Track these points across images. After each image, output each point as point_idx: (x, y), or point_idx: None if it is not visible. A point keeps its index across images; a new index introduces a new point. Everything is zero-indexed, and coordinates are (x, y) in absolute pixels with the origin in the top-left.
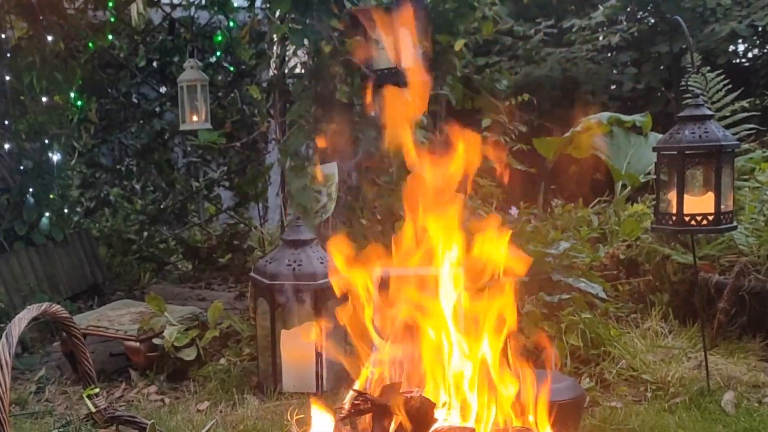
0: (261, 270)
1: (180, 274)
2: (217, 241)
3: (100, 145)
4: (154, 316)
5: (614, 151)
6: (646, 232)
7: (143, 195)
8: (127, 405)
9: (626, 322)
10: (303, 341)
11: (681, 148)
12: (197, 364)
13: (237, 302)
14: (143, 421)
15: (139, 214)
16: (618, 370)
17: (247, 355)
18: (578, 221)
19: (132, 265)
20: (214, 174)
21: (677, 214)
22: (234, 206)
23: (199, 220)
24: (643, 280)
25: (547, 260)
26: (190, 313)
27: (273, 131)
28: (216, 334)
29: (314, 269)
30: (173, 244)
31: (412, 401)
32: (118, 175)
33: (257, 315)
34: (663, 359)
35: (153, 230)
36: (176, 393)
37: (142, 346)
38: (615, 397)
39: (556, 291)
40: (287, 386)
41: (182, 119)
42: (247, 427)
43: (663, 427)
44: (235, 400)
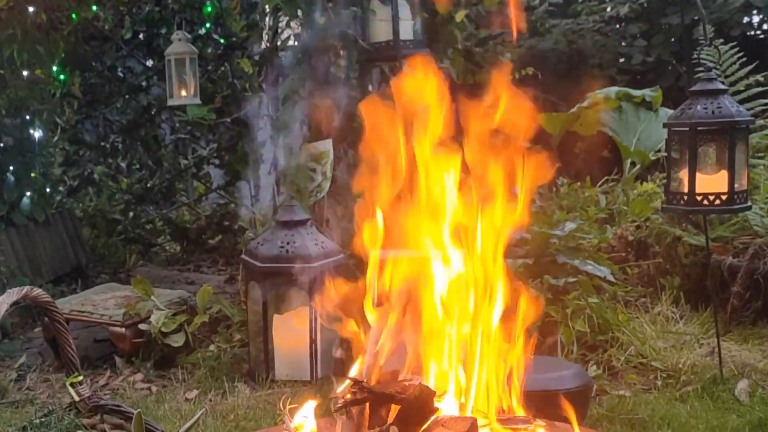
0: (253, 252)
1: (167, 256)
2: (207, 221)
3: (83, 121)
4: (140, 301)
5: (623, 128)
6: (656, 213)
7: (129, 173)
8: (112, 393)
9: (635, 306)
10: (296, 327)
11: (693, 124)
12: (185, 350)
13: (227, 286)
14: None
15: (124, 194)
16: (626, 357)
17: (238, 341)
18: (585, 201)
19: (117, 247)
20: (203, 151)
21: (689, 193)
22: (224, 185)
23: (187, 200)
24: (653, 262)
25: (553, 242)
26: (178, 298)
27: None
28: (205, 319)
29: (308, 251)
30: (160, 225)
31: (411, 390)
32: (102, 152)
33: (248, 299)
34: (674, 346)
35: (139, 210)
36: (163, 381)
37: (127, 331)
38: (623, 386)
39: (561, 274)
40: (280, 374)
41: (170, 94)
42: (237, 416)
43: (674, 417)
44: (226, 389)
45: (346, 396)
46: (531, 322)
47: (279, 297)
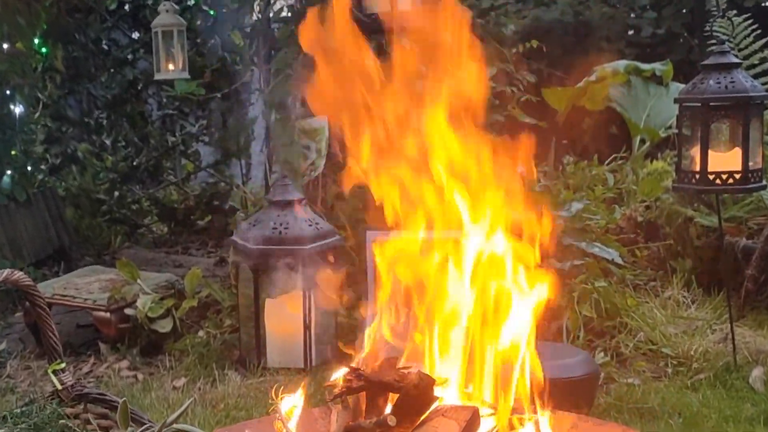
0: (244, 233)
1: (154, 237)
2: (196, 201)
3: (66, 96)
4: (125, 284)
5: (632, 103)
6: (666, 192)
7: (114, 151)
8: (96, 381)
9: (645, 290)
10: (289, 312)
11: (705, 99)
12: (173, 336)
13: (217, 269)
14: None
15: (109, 172)
16: (635, 344)
17: (228, 326)
18: (592, 180)
19: (102, 228)
20: (192, 128)
21: (701, 172)
22: (214, 163)
23: (175, 179)
24: (663, 244)
25: (558, 223)
26: (165, 281)
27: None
28: (194, 303)
29: (302, 232)
30: (147, 205)
31: (410, 378)
32: (86, 128)
33: (239, 283)
34: (685, 331)
35: (125, 189)
36: (150, 368)
37: (112, 316)
38: (632, 373)
39: (567, 257)
40: (272, 361)
41: (157, 68)
42: (228, 405)
43: (685, 406)
44: (215, 377)
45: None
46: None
47: (271, 280)
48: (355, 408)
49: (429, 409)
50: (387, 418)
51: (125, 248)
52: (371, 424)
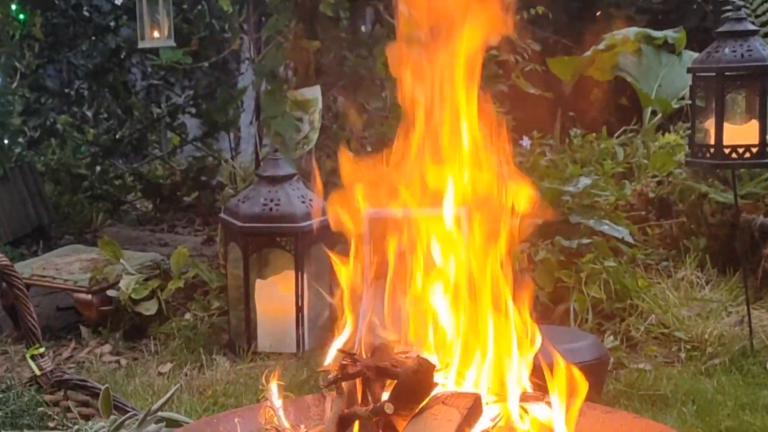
0: (233, 210)
1: (138, 215)
2: (182, 176)
3: (45, 65)
4: (108, 264)
5: (642, 73)
6: (679, 167)
7: (96, 123)
8: (77, 367)
9: (656, 271)
10: (281, 293)
11: (720, 68)
12: (158, 319)
13: (205, 248)
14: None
15: (90, 146)
16: (647, 327)
17: (217, 309)
18: (601, 154)
19: (83, 205)
20: (178, 99)
21: (716, 145)
22: (201, 136)
23: (160, 153)
24: (676, 222)
25: (565, 199)
26: (150, 261)
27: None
28: (180, 284)
29: (294, 209)
30: (130, 181)
31: (409, 363)
32: (66, 100)
33: (228, 262)
34: (699, 314)
35: (107, 164)
36: (134, 353)
37: (94, 298)
38: (643, 358)
39: (575, 235)
40: (263, 345)
41: (141, 35)
42: (216, 392)
43: (699, 393)
44: (203, 362)
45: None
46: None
47: (262, 260)
48: (350, 395)
49: (428, 396)
50: (384, 406)
51: (107, 226)
52: (367, 411)
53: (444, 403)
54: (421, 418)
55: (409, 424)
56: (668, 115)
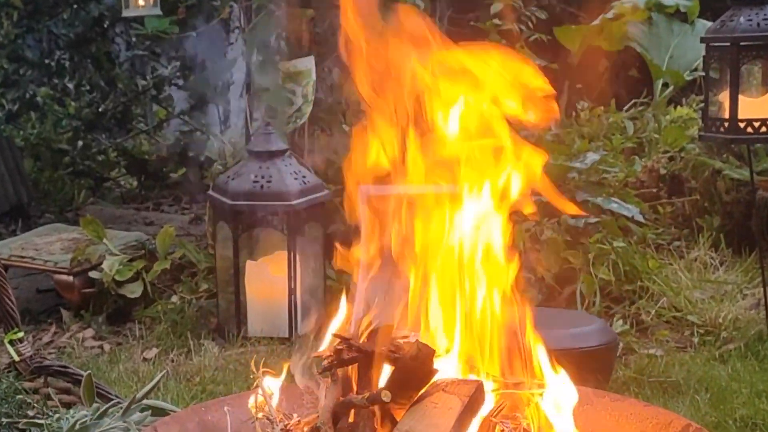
0: (222, 187)
1: (122, 192)
2: (168, 152)
3: (24, 34)
4: (90, 244)
5: (653, 43)
6: (692, 142)
7: (77, 96)
8: (57, 352)
9: (668, 251)
10: (272, 275)
11: (735, 38)
12: (143, 302)
13: (192, 227)
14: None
15: (72, 119)
16: (658, 311)
17: (205, 291)
18: (609, 128)
19: (64, 182)
20: (164, 70)
21: (730, 119)
22: (189, 110)
23: (145, 127)
24: (688, 200)
25: (571, 176)
26: (134, 241)
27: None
28: (166, 266)
29: (286, 186)
30: (114, 156)
31: (407, 348)
32: (46, 71)
33: (217, 243)
34: (713, 297)
35: (89, 139)
36: (118, 338)
37: (75, 280)
38: (654, 343)
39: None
40: (253, 329)
41: (125, 3)
42: (204, 379)
43: (713, 380)
44: (190, 347)
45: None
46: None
47: (252, 240)
48: (346, 382)
49: (428, 383)
50: (381, 393)
51: (90, 204)
52: (363, 399)
53: (444, 391)
54: (420, 406)
55: (407, 413)
56: (680, 87)
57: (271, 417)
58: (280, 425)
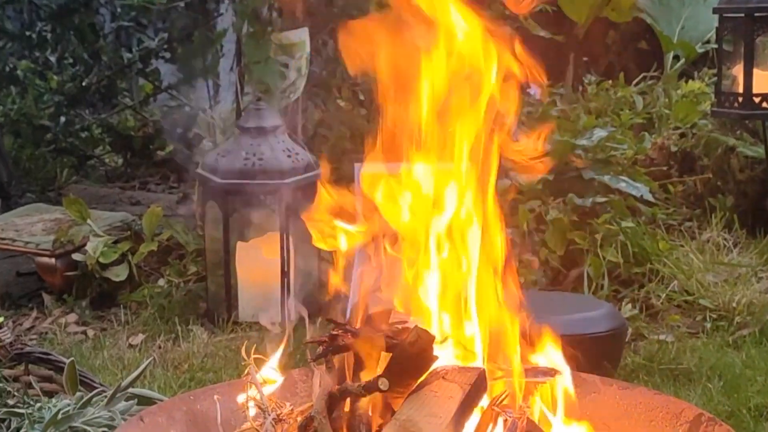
0: (211, 165)
1: (107, 170)
2: (155, 128)
3: (4, 5)
4: (73, 225)
5: (664, 13)
6: (704, 117)
7: (60, 69)
8: (39, 338)
9: (679, 232)
10: (264, 257)
11: (749, 9)
12: (129, 286)
13: (180, 207)
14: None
15: (54, 94)
16: (668, 294)
17: (193, 274)
18: (617, 103)
19: (45, 159)
20: (150, 42)
21: (744, 93)
22: (176, 84)
23: (131, 102)
24: (700, 178)
25: (578, 153)
26: (119, 221)
27: None
28: (153, 247)
29: (279, 164)
30: (98, 133)
31: (406, 334)
32: (27, 43)
33: (206, 223)
34: (726, 280)
35: (72, 114)
36: (102, 323)
37: (58, 263)
38: (664, 329)
39: (589, 192)
40: (244, 314)
41: None
42: (192, 366)
43: (726, 367)
44: (178, 333)
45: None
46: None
47: (243, 220)
48: (341, 369)
49: (427, 371)
50: (378, 381)
51: (73, 183)
52: (360, 388)
53: (444, 378)
54: (419, 395)
55: (405, 402)
56: (692, 60)
57: (263, 406)
58: (272, 414)
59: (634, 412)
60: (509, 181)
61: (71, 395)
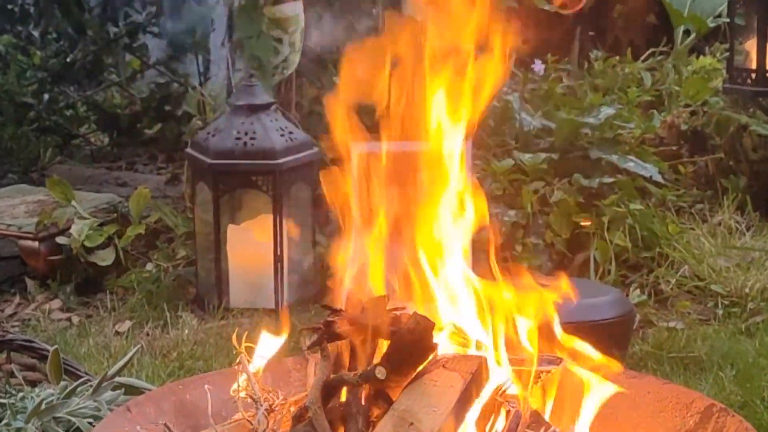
0: (201, 145)
1: (92, 150)
2: (143, 106)
3: None
4: (57, 207)
5: None
6: (716, 94)
7: (44, 44)
8: (21, 325)
9: (689, 214)
10: (257, 240)
11: None
12: (115, 270)
13: (169, 188)
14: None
15: (37, 70)
16: (678, 280)
17: (183, 258)
18: (625, 80)
19: (28, 139)
20: (138, 16)
21: (758, 69)
22: (165, 59)
23: (118, 78)
24: (712, 158)
25: (584, 132)
26: (106, 203)
27: None
28: (140, 230)
29: (272, 143)
30: (84, 111)
31: (404, 321)
32: (9, 17)
33: (196, 205)
34: (739, 264)
35: (56, 92)
36: (88, 309)
37: (41, 246)
38: (674, 315)
39: (595, 173)
40: (236, 300)
41: None
42: (182, 354)
43: (739, 355)
44: (167, 319)
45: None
46: None
47: (235, 202)
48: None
49: (426, 360)
50: (375, 370)
51: (57, 163)
52: (356, 377)
53: (445, 367)
54: (418, 385)
55: (404, 392)
56: (703, 34)
57: (255, 396)
58: (264, 405)
59: (643, 402)
60: (512, 161)
61: (55, 384)
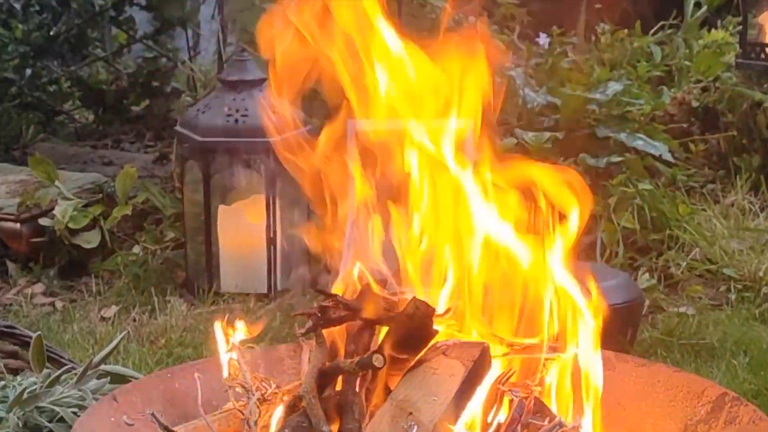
0: (191, 122)
1: (77, 127)
2: (130, 81)
3: None
4: (40, 187)
5: None
6: (728, 70)
7: (25, 17)
8: (3, 310)
9: (701, 195)
10: (249, 222)
11: None
12: (101, 253)
13: (157, 167)
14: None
15: (19, 44)
16: (689, 263)
17: (171, 240)
18: (633, 54)
19: (10, 115)
20: None
21: None
22: (153, 33)
23: (103, 53)
24: (724, 136)
25: (591, 108)
26: (91, 183)
27: None
28: (127, 211)
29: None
30: (67, 86)
31: (403, 306)
32: None
33: (185, 185)
34: (752, 247)
35: (39, 67)
36: (72, 294)
37: (23, 228)
38: (685, 300)
39: (602, 151)
40: (227, 285)
41: None
42: (170, 340)
43: (752, 342)
44: (154, 304)
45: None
46: None
47: (226, 182)
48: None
49: (426, 347)
50: (373, 358)
51: (40, 141)
52: (352, 365)
53: (445, 354)
54: (417, 373)
55: (403, 380)
56: (715, 7)
57: (247, 385)
58: (256, 394)
59: (652, 390)
60: (514, 140)
61: (38, 372)
